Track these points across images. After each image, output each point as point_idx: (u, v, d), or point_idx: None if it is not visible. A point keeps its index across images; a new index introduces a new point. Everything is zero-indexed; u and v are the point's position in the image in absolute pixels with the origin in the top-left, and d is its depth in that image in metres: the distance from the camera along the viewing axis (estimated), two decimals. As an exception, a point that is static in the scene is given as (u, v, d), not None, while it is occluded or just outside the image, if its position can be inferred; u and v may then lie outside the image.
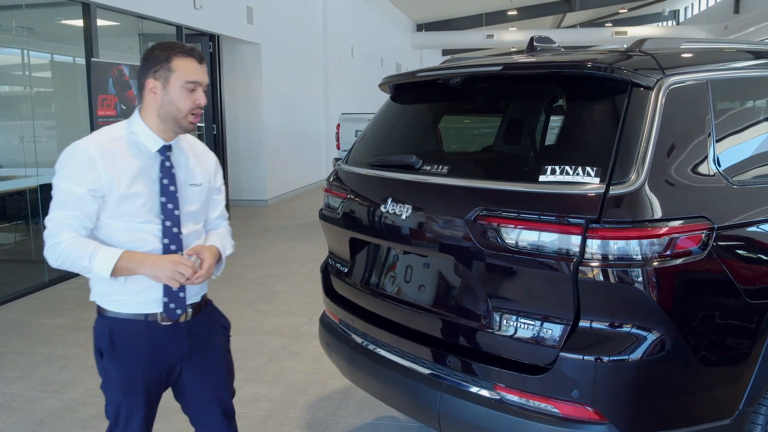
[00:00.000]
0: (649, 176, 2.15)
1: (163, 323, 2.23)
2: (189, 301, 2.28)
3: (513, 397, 2.30)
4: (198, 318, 2.32)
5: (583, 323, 2.17)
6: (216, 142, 10.24)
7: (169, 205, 2.21)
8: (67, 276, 6.68)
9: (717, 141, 2.38)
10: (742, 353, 2.31)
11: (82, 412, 3.78)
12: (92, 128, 6.72)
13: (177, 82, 2.16)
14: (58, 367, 4.38)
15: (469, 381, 2.43)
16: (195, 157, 2.36)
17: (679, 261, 2.14)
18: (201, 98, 2.20)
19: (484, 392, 2.37)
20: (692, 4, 36.65)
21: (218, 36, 10.07)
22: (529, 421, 2.25)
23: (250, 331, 5.10)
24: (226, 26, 10.13)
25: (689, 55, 2.64)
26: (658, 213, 2.15)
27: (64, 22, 8.06)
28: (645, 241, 2.10)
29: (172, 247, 2.21)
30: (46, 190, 7.03)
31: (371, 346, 2.86)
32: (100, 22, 7.04)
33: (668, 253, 2.12)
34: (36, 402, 3.91)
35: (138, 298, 2.21)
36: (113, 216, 2.16)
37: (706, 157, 2.34)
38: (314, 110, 14.86)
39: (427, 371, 2.58)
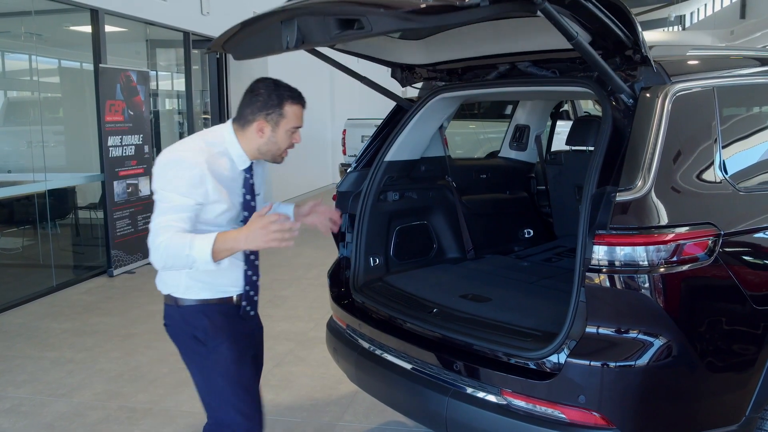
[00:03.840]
0: (656, 183, 2.17)
1: (237, 304, 2.43)
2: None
3: (520, 403, 2.31)
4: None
5: (590, 329, 2.18)
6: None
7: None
8: (74, 280, 6.72)
9: (723, 147, 2.40)
10: (748, 359, 2.31)
11: (90, 416, 3.80)
12: (100, 134, 6.74)
13: (285, 127, 2.32)
14: (66, 372, 4.39)
15: (476, 386, 2.44)
16: (261, 167, 2.50)
17: (685, 267, 2.15)
18: (298, 138, 2.38)
19: (492, 397, 2.39)
20: (698, 10, 36.68)
21: (225, 42, 10.12)
22: (535, 426, 2.26)
23: (256, 336, 5.11)
24: (233, 32, 10.17)
25: (695, 62, 2.65)
26: (665, 219, 2.16)
27: (72, 28, 8.12)
28: (651, 248, 2.11)
29: (251, 255, 2.41)
30: (54, 194, 7.07)
31: (378, 351, 2.87)
32: (108, 29, 7.08)
33: (675, 259, 2.13)
34: (44, 406, 3.93)
35: (221, 282, 2.37)
36: (204, 222, 2.28)
37: (713, 164, 2.35)
38: (320, 116, 14.88)
39: (434, 376, 2.59)
